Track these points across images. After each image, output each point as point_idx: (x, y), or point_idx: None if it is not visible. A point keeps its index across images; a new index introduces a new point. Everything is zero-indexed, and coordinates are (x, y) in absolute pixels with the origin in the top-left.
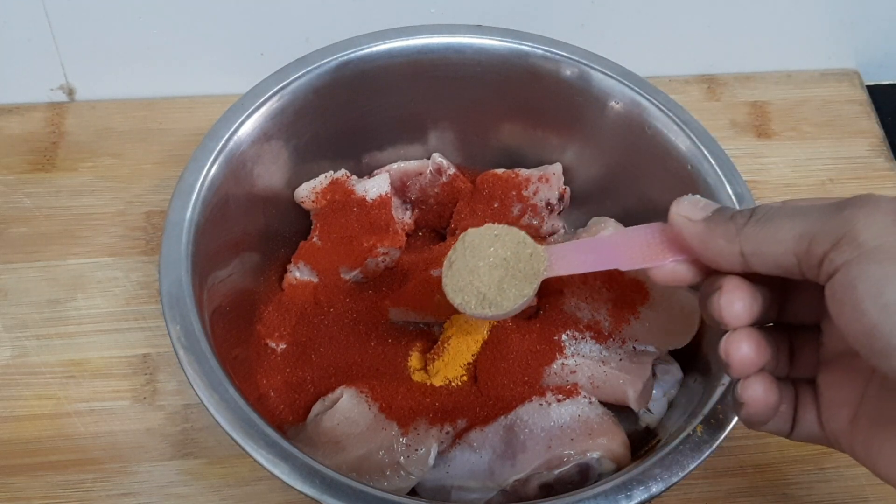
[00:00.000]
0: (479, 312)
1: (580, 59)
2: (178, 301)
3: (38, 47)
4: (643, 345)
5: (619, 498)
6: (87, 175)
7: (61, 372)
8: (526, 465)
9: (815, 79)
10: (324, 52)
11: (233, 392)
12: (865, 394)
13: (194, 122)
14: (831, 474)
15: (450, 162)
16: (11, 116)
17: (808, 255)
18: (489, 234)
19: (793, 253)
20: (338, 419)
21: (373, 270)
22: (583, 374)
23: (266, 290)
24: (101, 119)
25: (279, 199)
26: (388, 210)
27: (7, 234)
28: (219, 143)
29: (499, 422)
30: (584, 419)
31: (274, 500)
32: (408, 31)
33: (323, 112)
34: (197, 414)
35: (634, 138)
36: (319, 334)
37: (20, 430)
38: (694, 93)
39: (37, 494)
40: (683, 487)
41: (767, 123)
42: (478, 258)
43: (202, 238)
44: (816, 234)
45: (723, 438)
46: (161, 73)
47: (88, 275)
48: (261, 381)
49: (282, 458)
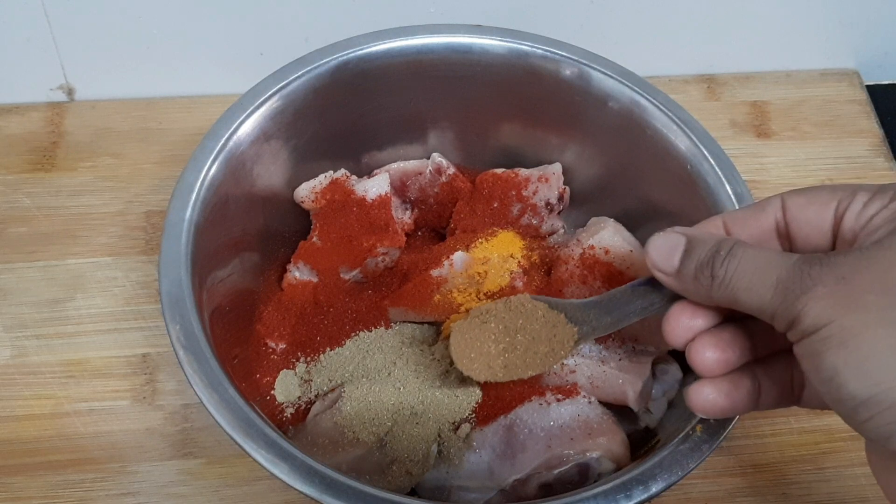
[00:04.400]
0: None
1: (580, 59)
2: (178, 301)
3: (37, 47)
4: (643, 344)
5: (619, 498)
6: (87, 175)
7: (61, 372)
8: (525, 465)
9: (814, 79)
10: (323, 52)
11: (232, 392)
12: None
13: (194, 121)
14: (831, 474)
15: (449, 162)
16: (11, 116)
17: (781, 314)
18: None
19: (766, 310)
20: (337, 419)
21: (372, 270)
22: (582, 374)
23: (266, 289)
24: (100, 119)
25: (279, 198)
26: (388, 210)
27: (7, 234)
28: (218, 143)
29: (498, 421)
30: (583, 419)
31: (274, 500)
32: (407, 31)
33: (322, 112)
34: (196, 414)
35: (634, 138)
36: (319, 334)
37: (20, 430)
38: (694, 93)
39: (36, 494)
40: (683, 487)
41: (767, 123)
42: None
43: (202, 238)
44: (776, 311)
45: (723, 438)
46: (161, 72)
47: (88, 275)
48: (261, 381)
49: (282, 458)
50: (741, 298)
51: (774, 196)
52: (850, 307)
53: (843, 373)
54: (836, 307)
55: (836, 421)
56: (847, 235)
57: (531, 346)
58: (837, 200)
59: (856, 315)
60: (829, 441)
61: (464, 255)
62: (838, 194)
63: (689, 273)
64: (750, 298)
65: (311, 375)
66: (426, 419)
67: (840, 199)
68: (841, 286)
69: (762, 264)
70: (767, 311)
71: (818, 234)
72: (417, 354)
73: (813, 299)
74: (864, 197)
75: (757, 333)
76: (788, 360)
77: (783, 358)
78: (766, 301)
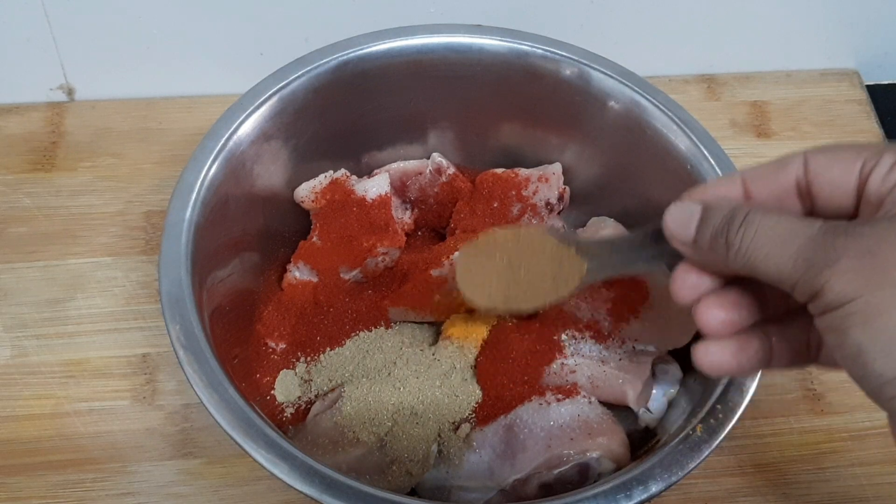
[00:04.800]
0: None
1: (580, 59)
2: (178, 301)
3: (37, 47)
4: (643, 344)
5: (619, 498)
6: (87, 175)
7: (61, 372)
8: (525, 465)
9: (814, 78)
10: (323, 52)
11: (232, 392)
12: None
13: (194, 121)
14: (831, 474)
15: (449, 162)
16: (11, 116)
17: (802, 286)
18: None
19: (785, 280)
20: (337, 419)
21: (372, 270)
22: (582, 374)
23: (266, 289)
24: (100, 119)
25: (279, 198)
26: (388, 210)
27: (7, 234)
28: (218, 143)
29: (498, 421)
30: (583, 419)
31: (273, 500)
32: (407, 31)
33: (322, 112)
34: (196, 414)
35: (634, 138)
36: (319, 334)
37: (20, 430)
38: (694, 93)
39: (36, 494)
40: (683, 487)
41: (767, 123)
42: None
43: (202, 238)
44: (797, 282)
45: (722, 438)
46: (161, 73)
47: (88, 274)
48: (261, 381)
49: (282, 458)
50: (759, 268)
51: (797, 154)
52: (877, 283)
53: (868, 351)
54: (863, 282)
55: (837, 421)
56: (872, 198)
57: (534, 281)
58: (863, 161)
59: (883, 291)
60: (829, 441)
61: None
62: (863, 154)
63: (704, 242)
64: (768, 268)
65: (311, 375)
66: (426, 419)
67: (865, 159)
68: (867, 260)
69: (781, 233)
70: (787, 281)
71: (841, 194)
72: (417, 354)
73: (837, 273)
74: (891, 159)
75: (770, 294)
76: (805, 321)
77: (799, 318)
78: (785, 272)
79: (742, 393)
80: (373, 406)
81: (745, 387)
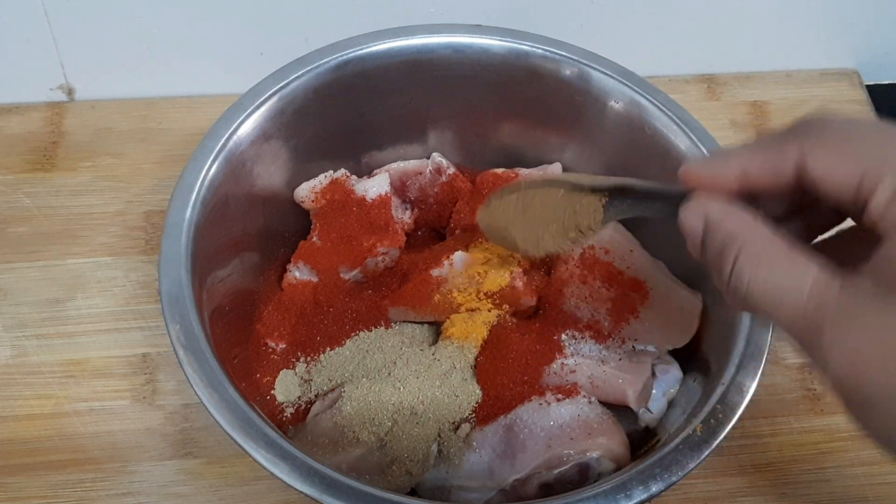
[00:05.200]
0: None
1: (580, 59)
2: (178, 301)
3: (37, 47)
4: (643, 344)
5: (619, 498)
6: (87, 175)
7: (61, 372)
8: (525, 465)
9: (814, 78)
10: (323, 52)
11: (232, 392)
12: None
13: (194, 121)
14: (831, 474)
15: (449, 161)
16: (11, 116)
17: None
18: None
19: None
20: (337, 419)
21: (372, 270)
22: (582, 374)
23: (266, 289)
24: (100, 119)
25: (279, 198)
26: (388, 210)
27: (7, 234)
28: (218, 143)
29: (498, 421)
30: (583, 419)
31: (273, 500)
32: (407, 31)
33: (322, 112)
34: (196, 413)
35: (634, 138)
36: (319, 334)
37: (20, 430)
38: (693, 92)
39: (36, 494)
40: (683, 487)
41: (767, 123)
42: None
43: (202, 238)
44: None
45: (722, 438)
46: (161, 72)
47: (88, 274)
48: (261, 381)
49: (282, 457)
50: (764, 310)
51: (792, 141)
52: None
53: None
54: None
55: (837, 421)
56: (871, 224)
57: (549, 225)
58: (861, 175)
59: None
60: (829, 441)
61: (464, 255)
62: (861, 166)
63: (710, 261)
64: (775, 315)
65: (311, 375)
66: (426, 419)
67: (864, 172)
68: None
69: (779, 279)
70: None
71: (841, 194)
72: (417, 354)
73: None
74: (891, 184)
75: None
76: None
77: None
78: (793, 324)
79: (742, 393)
80: (373, 406)
81: (745, 387)
